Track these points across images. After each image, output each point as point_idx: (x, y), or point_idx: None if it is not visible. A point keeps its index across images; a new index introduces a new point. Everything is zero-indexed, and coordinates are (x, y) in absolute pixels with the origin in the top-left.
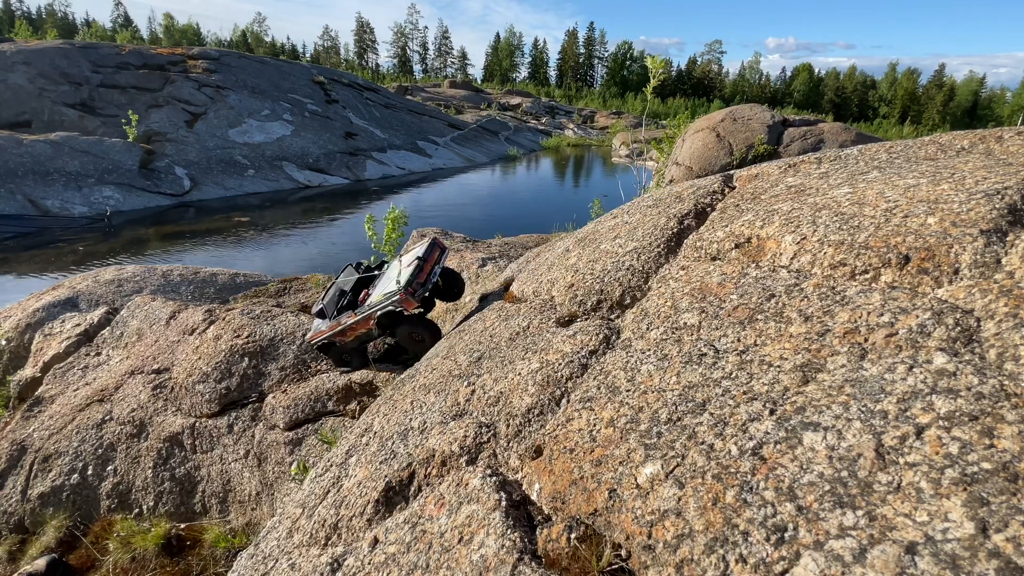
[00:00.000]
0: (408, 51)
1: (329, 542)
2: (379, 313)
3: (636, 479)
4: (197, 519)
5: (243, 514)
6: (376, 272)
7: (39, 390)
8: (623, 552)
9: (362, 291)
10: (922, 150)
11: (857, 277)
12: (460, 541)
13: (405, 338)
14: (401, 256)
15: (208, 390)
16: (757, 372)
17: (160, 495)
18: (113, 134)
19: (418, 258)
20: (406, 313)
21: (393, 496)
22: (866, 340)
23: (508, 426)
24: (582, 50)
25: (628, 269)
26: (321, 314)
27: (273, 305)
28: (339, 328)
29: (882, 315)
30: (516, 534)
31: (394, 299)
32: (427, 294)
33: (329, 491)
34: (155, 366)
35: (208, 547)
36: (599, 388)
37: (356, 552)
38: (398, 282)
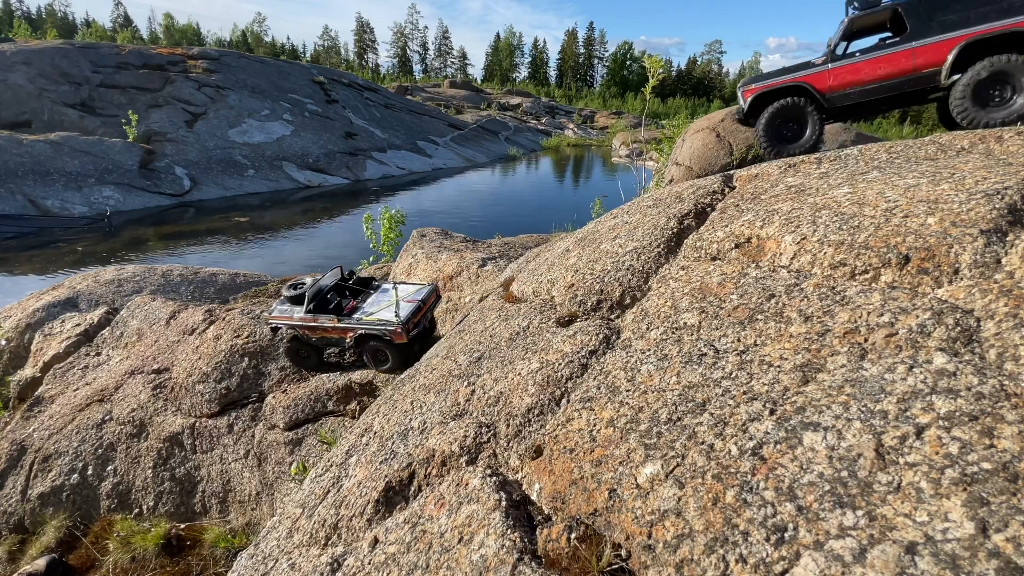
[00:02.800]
0: (408, 51)
1: (329, 542)
2: (364, 331)
3: (636, 479)
4: (197, 519)
5: (243, 514)
6: (364, 289)
7: (39, 390)
8: (623, 552)
9: (346, 300)
10: (922, 150)
11: (857, 277)
12: (460, 541)
13: (371, 353)
14: (396, 283)
15: (208, 390)
16: (757, 372)
17: (160, 495)
18: (113, 134)
19: (421, 300)
20: (394, 342)
21: (393, 496)
22: (866, 340)
23: (508, 426)
24: (582, 50)
25: (628, 269)
26: (296, 301)
27: None
28: (312, 324)
29: (882, 315)
30: (516, 534)
31: (389, 328)
32: (419, 332)
33: (329, 491)
34: (155, 366)
35: (208, 547)
36: (599, 388)
37: (356, 552)
38: (397, 315)
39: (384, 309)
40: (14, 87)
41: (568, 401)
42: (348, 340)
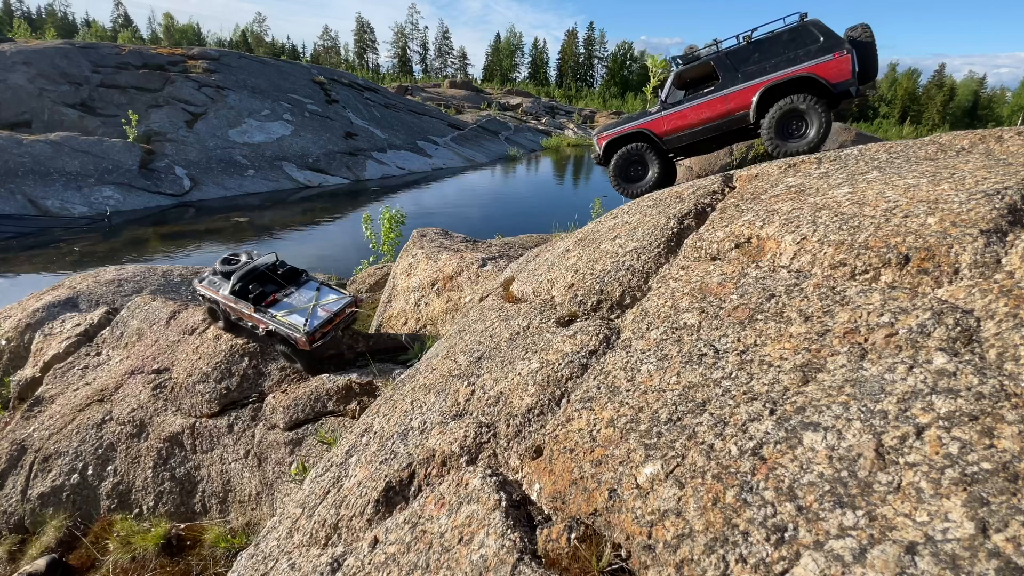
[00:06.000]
0: (408, 51)
1: (329, 542)
2: (273, 328)
3: (636, 479)
4: (197, 519)
5: (243, 514)
6: (290, 282)
7: (39, 390)
8: (623, 552)
9: (271, 289)
10: (922, 150)
11: (857, 277)
12: (460, 541)
13: (283, 352)
14: (321, 285)
15: (208, 390)
16: (757, 372)
17: (160, 495)
18: (113, 134)
19: (333, 313)
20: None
21: (393, 496)
22: (866, 340)
23: (508, 426)
24: (582, 50)
25: (628, 269)
26: (226, 276)
27: None
28: (232, 305)
29: (882, 315)
30: (516, 534)
31: (294, 335)
32: (326, 341)
33: (329, 491)
34: (155, 366)
35: (208, 547)
36: (599, 388)
37: (356, 552)
38: (307, 323)
39: (299, 311)
40: (14, 87)
41: (568, 401)
42: (261, 330)
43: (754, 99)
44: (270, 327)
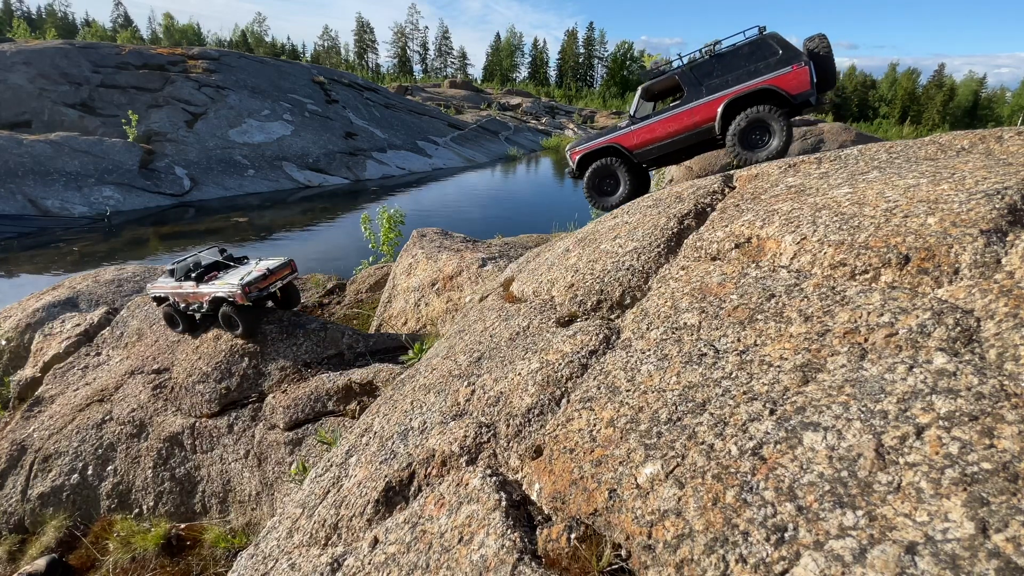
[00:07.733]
0: (408, 51)
1: (329, 542)
2: (214, 294)
3: (636, 479)
4: (197, 519)
5: (243, 514)
6: (232, 264)
7: (39, 390)
8: (623, 552)
9: (212, 271)
10: (922, 150)
11: (857, 277)
12: (460, 541)
13: (224, 317)
14: (261, 260)
15: (208, 390)
16: (757, 372)
17: (160, 495)
18: (113, 134)
19: (269, 269)
20: (237, 303)
21: (393, 496)
22: (866, 340)
23: (508, 426)
24: (582, 50)
25: (628, 269)
26: (171, 273)
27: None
28: (179, 290)
29: (882, 315)
30: (516, 534)
31: (232, 291)
32: (262, 295)
33: (329, 491)
34: (155, 366)
35: (208, 547)
36: (599, 388)
37: (356, 552)
38: (242, 278)
39: (238, 276)
40: (14, 87)
41: (568, 401)
42: (205, 303)
43: (718, 111)
44: (212, 294)
